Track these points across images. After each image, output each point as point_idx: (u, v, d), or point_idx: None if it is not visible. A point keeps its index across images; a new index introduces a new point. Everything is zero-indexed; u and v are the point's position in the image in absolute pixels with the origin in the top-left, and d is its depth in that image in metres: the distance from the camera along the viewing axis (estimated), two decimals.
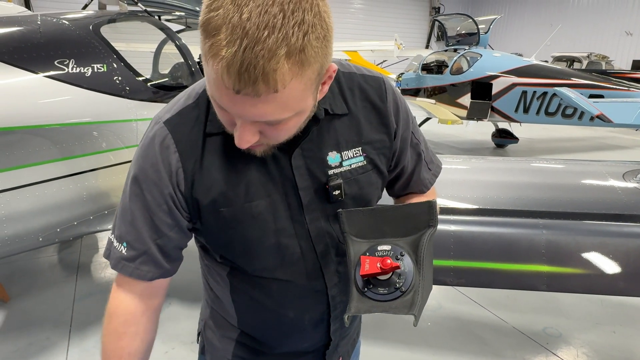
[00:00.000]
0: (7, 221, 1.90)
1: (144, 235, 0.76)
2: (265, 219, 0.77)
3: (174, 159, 0.73)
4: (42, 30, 2.14)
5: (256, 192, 0.76)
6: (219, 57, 0.54)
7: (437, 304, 2.88)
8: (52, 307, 2.73)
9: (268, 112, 0.59)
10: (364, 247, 0.73)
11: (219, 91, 0.59)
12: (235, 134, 0.65)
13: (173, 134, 0.74)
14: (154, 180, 0.74)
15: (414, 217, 0.72)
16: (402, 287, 0.69)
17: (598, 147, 9.18)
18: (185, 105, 0.76)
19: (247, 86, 0.55)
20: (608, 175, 2.03)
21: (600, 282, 1.70)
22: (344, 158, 0.80)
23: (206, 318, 0.99)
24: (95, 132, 2.19)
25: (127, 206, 0.77)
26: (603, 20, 16.36)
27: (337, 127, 0.80)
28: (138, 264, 0.77)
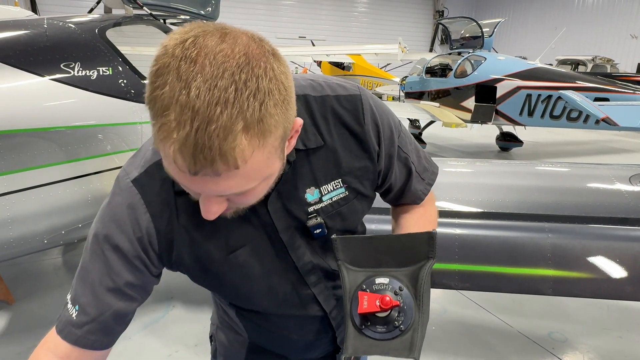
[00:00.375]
0: (13, 223, 1.91)
1: (101, 299, 0.70)
2: (252, 265, 0.75)
3: (145, 220, 0.69)
4: (49, 34, 2.16)
5: (237, 241, 0.73)
6: (170, 140, 0.50)
7: (442, 308, 2.86)
8: (56, 310, 2.71)
9: (232, 186, 0.55)
10: (360, 277, 0.70)
11: (175, 173, 0.54)
12: (200, 206, 0.60)
13: (143, 195, 0.69)
14: (117, 242, 0.69)
15: (412, 247, 0.69)
16: (402, 326, 0.66)
17: (604, 150, 9.13)
18: (153, 162, 0.70)
19: (205, 167, 0.50)
20: (614, 178, 2.02)
21: (607, 287, 1.68)
22: (324, 193, 0.76)
23: (217, 323, 1.00)
24: (100, 134, 2.20)
25: (86, 265, 0.71)
26: (608, 24, 16.32)
27: (313, 161, 0.75)
28: (85, 332, 0.70)
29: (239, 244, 0.73)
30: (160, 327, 2.59)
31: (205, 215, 0.60)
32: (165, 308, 2.78)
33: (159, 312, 2.73)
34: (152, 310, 2.75)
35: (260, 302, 0.80)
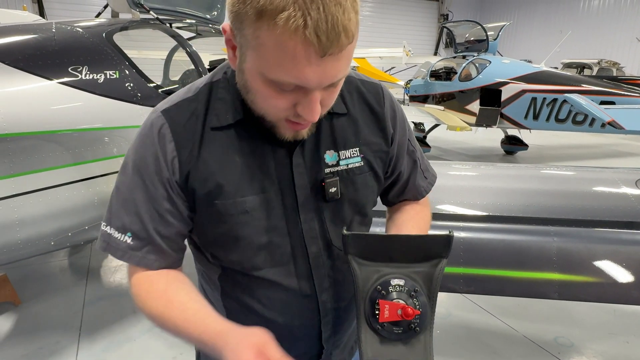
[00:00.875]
0: (21, 225, 1.93)
1: (148, 226, 0.76)
2: (258, 216, 0.76)
3: (170, 148, 0.74)
4: (57, 38, 2.18)
5: (251, 188, 0.76)
6: (300, 29, 0.55)
7: (446, 311, 2.85)
8: (62, 311, 2.75)
9: (342, 67, 0.63)
10: (373, 274, 0.71)
11: (300, 66, 0.59)
12: (306, 108, 0.65)
13: (170, 123, 0.74)
14: (154, 169, 0.74)
15: (427, 248, 0.70)
16: (417, 327, 0.68)
17: (610, 154, 9.08)
18: (184, 98, 0.77)
19: (334, 44, 0.57)
20: (620, 182, 2.01)
21: (613, 291, 1.67)
22: (341, 157, 0.80)
23: None
24: (107, 137, 2.22)
25: (128, 196, 0.76)
26: (613, 27, 16.24)
27: (336, 126, 0.81)
28: (145, 253, 0.77)
29: (251, 192, 0.75)
30: None
31: (313, 116, 0.66)
32: None
33: None
34: None
35: (256, 257, 0.79)
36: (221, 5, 3.57)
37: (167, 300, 0.75)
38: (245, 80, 0.69)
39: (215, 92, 0.77)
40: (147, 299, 0.76)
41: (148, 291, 0.77)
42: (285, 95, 0.65)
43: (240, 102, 0.75)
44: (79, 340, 2.47)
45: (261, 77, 0.64)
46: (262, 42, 0.59)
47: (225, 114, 0.75)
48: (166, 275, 0.79)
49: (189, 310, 0.73)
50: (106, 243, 0.78)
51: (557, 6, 18.31)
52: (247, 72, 0.66)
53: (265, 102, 0.68)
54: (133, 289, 0.79)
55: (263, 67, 0.62)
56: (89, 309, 2.78)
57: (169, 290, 0.76)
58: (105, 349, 2.40)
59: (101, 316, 2.70)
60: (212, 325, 0.70)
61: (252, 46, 0.61)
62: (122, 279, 3.19)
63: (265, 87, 0.65)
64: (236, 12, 0.60)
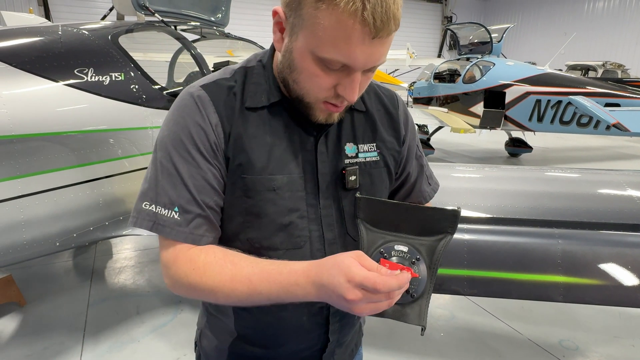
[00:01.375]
0: (26, 226, 1.94)
1: (196, 196, 0.76)
2: (283, 196, 0.79)
3: (214, 117, 0.77)
4: (63, 40, 2.20)
5: (279, 168, 0.79)
6: (360, 11, 0.62)
7: (450, 314, 2.84)
8: (67, 312, 2.76)
9: (384, 52, 0.69)
10: (378, 238, 0.73)
11: (352, 46, 0.65)
12: (347, 87, 0.71)
13: (211, 96, 0.78)
14: (198, 137, 0.76)
15: (434, 221, 0.72)
16: (414, 293, 0.71)
17: (615, 156, 9.03)
18: (221, 77, 0.82)
19: (385, 28, 0.64)
20: (626, 184, 2.00)
21: (619, 294, 1.66)
22: (360, 150, 0.86)
23: (202, 327, 0.99)
24: (111, 139, 2.23)
25: (172, 170, 0.76)
26: (618, 29, 16.18)
27: (355, 121, 0.87)
28: (192, 228, 0.76)
29: (279, 172, 0.79)
30: (168, 330, 2.60)
31: (353, 96, 0.72)
32: (174, 312, 2.79)
33: (167, 316, 2.74)
34: (160, 313, 2.76)
35: (274, 237, 0.80)
36: (225, 8, 3.59)
37: (232, 262, 0.73)
38: (292, 60, 0.73)
39: (250, 76, 0.82)
40: (207, 269, 0.73)
41: (207, 262, 0.74)
42: (330, 74, 0.70)
43: (275, 87, 0.80)
44: (83, 341, 2.48)
45: (311, 55, 0.69)
46: (320, 22, 0.64)
47: (260, 96, 0.80)
48: (216, 246, 0.78)
49: (262, 263, 0.72)
50: (152, 222, 0.76)
51: (561, 8, 18.26)
52: (296, 51, 0.71)
53: (309, 81, 0.72)
54: (183, 266, 0.75)
55: (316, 45, 0.67)
56: (93, 310, 2.79)
57: (228, 255, 0.75)
58: (109, 350, 2.41)
59: (105, 317, 2.71)
60: (295, 266, 0.69)
61: (307, 25, 0.66)
62: (126, 280, 3.21)
63: (313, 65, 0.70)
64: None
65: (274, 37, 0.76)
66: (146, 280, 3.20)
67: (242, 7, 14.82)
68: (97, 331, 2.57)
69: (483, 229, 1.85)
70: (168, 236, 0.76)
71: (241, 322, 0.89)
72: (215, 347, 0.94)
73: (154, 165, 0.79)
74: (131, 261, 3.53)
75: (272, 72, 0.81)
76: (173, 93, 2.65)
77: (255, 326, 0.89)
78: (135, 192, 2.39)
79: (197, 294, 0.75)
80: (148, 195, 0.78)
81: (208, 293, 0.74)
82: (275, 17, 0.73)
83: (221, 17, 3.58)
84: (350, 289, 0.63)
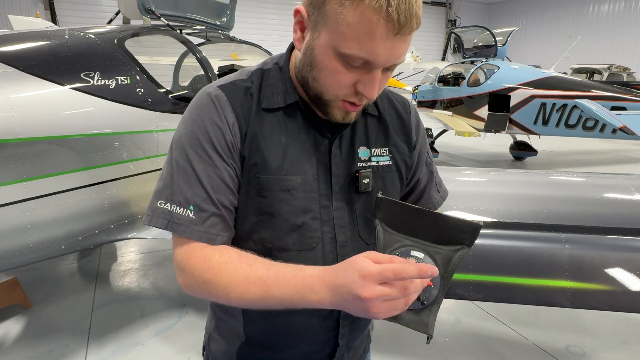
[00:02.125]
0: (32, 229, 1.95)
1: (212, 195, 0.76)
2: (297, 197, 0.79)
3: (231, 117, 0.78)
4: (70, 44, 2.21)
5: (293, 169, 0.79)
6: (384, 7, 0.63)
7: (456, 319, 2.82)
8: (72, 315, 2.77)
9: (404, 51, 0.70)
10: (395, 241, 0.72)
11: (375, 42, 0.66)
12: (367, 85, 0.72)
13: (228, 96, 0.79)
14: (215, 136, 0.77)
15: (454, 231, 0.70)
16: (425, 301, 0.70)
17: (621, 160, 8.97)
18: (238, 78, 0.83)
19: (407, 25, 0.66)
20: (633, 188, 1.98)
21: (626, 299, 1.64)
22: (373, 154, 0.87)
23: (211, 330, 0.98)
24: (117, 142, 2.24)
25: (188, 169, 0.76)
26: (624, 32, 16.10)
27: (369, 125, 0.88)
28: (207, 227, 0.76)
29: (293, 172, 0.79)
30: (173, 333, 2.60)
31: (372, 93, 0.72)
32: (178, 315, 2.79)
33: (172, 319, 2.74)
34: (165, 316, 2.76)
35: (287, 237, 0.80)
36: (230, 12, 3.60)
37: (247, 263, 0.73)
38: (313, 56, 0.73)
39: (267, 77, 0.83)
40: (222, 268, 0.73)
41: (221, 261, 0.73)
42: (350, 71, 0.71)
43: (292, 88, 0.81)
44: (87, 344, 2.48)
45: (333, 52, 0.70)
46: (344, 17, 0.65)
47: (276, 97, 0.81)
48: (231, 247, 0.78)
49: (277, 265, 0.71)
50: (167, 220, 0.76)
51: (565, 11, 18.21)
52: (318, 48, 0.72)
53: (329, 78, 0.73)
54: (197, 265, 0.74)
55: (338, 41, 0.68)
56: (98, 313, 2.79)
57: (243, 255, 0.74)
58: (113, 353, 2.41)
59: (110, 320, 2.71)
60: (309, 270, 0.69)
61: (331, 21, 0.67)
62: (130, 283, 3.21)
63: (334, 62, 0.70)
64: None
65: (294, 36, 0.76)
66: (151, 283, 3.20)
67: (247, 11, 14.89)
68: (102, 334, 2.57)
69: (489, 234, 1.83)
70: (183, 234, 0.76)
71: (250, 324, 0.89)
72: (224, 350, 0.94)
73: (169, 164, 0.79)
74: (136, 264, 3.53)
75: (289, 74, 0.82)
76: (178, 96, 2.66)
77: (264, 329, 0.88)
78: (140, 195, 2.41)
79: (210, 294, 0.74)
80: (163, 194, 0.78)
81: (222, 293, 0.73)
82: (297, 16, 0.74)
83: (226, 21, 3.59)
84: (366, 286, 0.61)
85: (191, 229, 0.76)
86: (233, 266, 0.73)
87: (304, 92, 0.80)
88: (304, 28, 0.74)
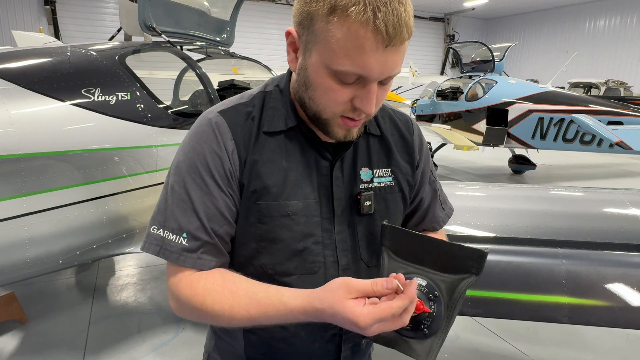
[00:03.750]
0: (30, 244, 1.95)
1: (205, 224, 0.76)
2: (298, 221, 0.79)
3: (231, 145, 0.77)
4: (71, 61, 2.25)
5: (294, 194, 0.79)
6: (371, 20, 0.63)
7: (455, 334, 2.80)
8: (68, 330, 2.74)
9: (398, 62, 0.69)
10: (399, 269, 0.72)
11: (365, 56, 0.65)
12: (364, 99, 0.71)
13: (229, 122, 0.79)
14: (213, 164, 0.76)
15: (458, 258, 0.70)
16: (426, 330, 0.69)
17: (619, 174, 8.98)
18: (240, 102, 0.83)
19: (397, 36, 0.64)
20: (630, 203, 1.99)
21: (625, 316, 1.63)
22: (375, 175, 0.86)
23: (210, 350, 0.97)
24: (116, 157, 2.25)
25: (184, 196, 0.76)
26: (620, 47, 16.28)
27: (371, 145, 0.87)
28: (200, 254, 0.76)
29: (294, 197, 0.79)
30: (170, 349, 2.58)
31: (370, 107, 0.71)
32: (175, 330, 2.77)
33: (169, 334, 2.72)
34: (161, 332, 2.74)
35: (288, 262, 0.80)
36: (230, 29, 3.65)
37: (230, 291, 0.73)
38: (307, 76, 0.73)
39: (268, 100, 0.83)
40: (207, 296, 0.73)
41: (206, 289, 0.74)
42: (345, 88, 0.70)
43: (293, 111, 0.81)
44: (83, 359, 2.46)
45: (326, 70, 0.69)
46: (333, 34, 0.65)
47: (277, 121, 0.80)
48: (217, 270, 0.78)
49: (259, 294, 0.71)
50: (159, 247, 0.77)
51: (562, 26, 18.43)
52: (311, 67, 0.72)
53: (325, 96, 0.72)
54: (184, 291, 0.75)
55: (329, 59, 0.67)
56: (95, 328, 2.77)
57: (227, 282, 0.74)
58: None
59: (106, 335, 2.69)
60: (291, 302, 0.68)
61: (320, 40, 0.67)
62: (128, 297, 3.19)
63: (328, 80, 0.70)
64: (307, 12, 0.68)
65: (287, 58, 0.76)
66: (148, 298, 3.18)
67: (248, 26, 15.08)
68: (98, 350, 2.54)
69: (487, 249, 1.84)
70: (175, 262, 0.76)
71: (251, 347, 0.88)
72: None
73: (165, 190, 0.80)
74: (133, 278, 3.52)
75: (289, 96, 0.82)
76: (178, 112, 2.69)
77: (265, 352, 0.87)
78: (138, 210, 2.42)
79: (200, 319, 0.75)
80: (157, 220, 0.78)
81: (210, 319, 0.74)
82: (288, 38, 0.74)
83: (226, 37, 3.64)
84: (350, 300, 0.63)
85: (184, 257, 0.76)
86: (217, 294, 0.73)
87: (304, 113, 0.80)
88: (297, 49, 0.74)
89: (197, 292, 0.74)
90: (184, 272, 0.77)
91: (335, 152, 0.82)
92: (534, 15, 19.48)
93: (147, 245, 0.78)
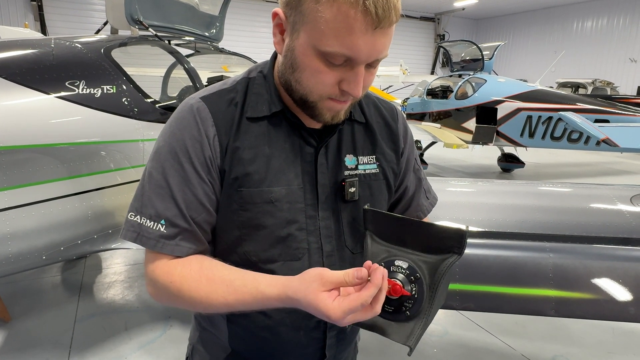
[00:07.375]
0: (12, 239, 1.90)
1: (183, 210, 0.75)
2: (281, 208, 0.78)
3: (212, 131, 0.76)
4: (55, 53, 2.20)
5: (277, 180, 0.78)
6: (361, 1, 0.62)
7: (443, 329, 2.81)
8: (53, 328, 2.70)
9: (386, 44, 0.68)
10: (382, 251, 0.72)
11: (354, 37, 0.65)
12: (352, 82, 0.70)
13: (210, 108, 0.77)
14: (193, 150, 0.75)
15: (440, 239, 0.69)
16: (408, 312, 0.68)
17: (605, 172, 9.12)
18: (222, 88, 0.81)
19: (386, 17, 0.64)
20: (615, 198, 2.01)
21: (610, 308, 1.65)
22: (360, 162, 0.85)
23: (195, 342, 0.96)
24: (102, 151, 2.22)
25: (161, 182, 0.75)
26: (607, 47, 16.52)
27: (355, 133, 0.86)
28: (178, 241, 0.75)
29: (277, 183, 0.78)
30: (157, 347, 2.55)
31: (357, 90, 0.70)
32: (163, 328, 2.74)
33: (156, 332, 2.69)
34: (149, 329, 2.71)
35: (272, 249, 0.79)
36: (219, 24, 3.62)
37: (207, 278, 0.72)
38: (294, 58, 0.72)
39: (252, 86, 0.81)
40: (184, 283, 0.72)
41: (183, 275, 0.73)
42: (333, 70, 0.69)
43: (277, 96, 0.79)
44: (69, 358, 2.42)
45: (314, 51, 0.68)
46: (322, 15, 0.64)
47: (261, 106, 0.79)
48: (194, 257, 0.76)
49: (235, 282, 0.70)
50: (136, 234, 0.75)
51: (551, 27, 18.65)
52: (298, 48, 0.70)
53: (312, 78, 0.71)
54: (162, 278, 0.74)
55: (318, 39, 0.66)
56: (80, 326, 2.73)
57: (204, 269, 0.73)
58: None
59: (92, 333, 2.65)
60: (267, 291, 0.67)
61: (309, 20, 0.66)
62: (115, 295, 3.15)
63: (316, 61, 0.69)
64: None
65: (274, 40, 0.75)
66: (135, 295, 3.14)
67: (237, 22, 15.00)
68: (84, 348, 2.51)
69: (475, 243, 1.84)
70: (153, 249, 0.75)
71: (235, 337, 0.87)
72: None
73: (143, 176, 0.78)
74: (121, 276, 3.47)
75: (273, 81, 0.81)
76: (165, 106, 2.65)
77: (250, 342, 0.87)
78: (124, 205, 2.38)
79: (178, 305, 0.75)
80: (134, 206, 0.77)
81: (187, 305, 0.73)
82: (275, 19, 0.72)
83: (215, 33, 3.61)
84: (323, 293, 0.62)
85: (161, 243, 0.75)
86: (194, 281, 0.72)
87: (289, 98, 0.79)
88: (283, 30, 0.73)
89: (174, 279, 0.73)
90: (162, 259, 0.76)
91: (320, 139, 0.81)
92: (523, 15, 19.68)
93: (125, 232, 0.77)
